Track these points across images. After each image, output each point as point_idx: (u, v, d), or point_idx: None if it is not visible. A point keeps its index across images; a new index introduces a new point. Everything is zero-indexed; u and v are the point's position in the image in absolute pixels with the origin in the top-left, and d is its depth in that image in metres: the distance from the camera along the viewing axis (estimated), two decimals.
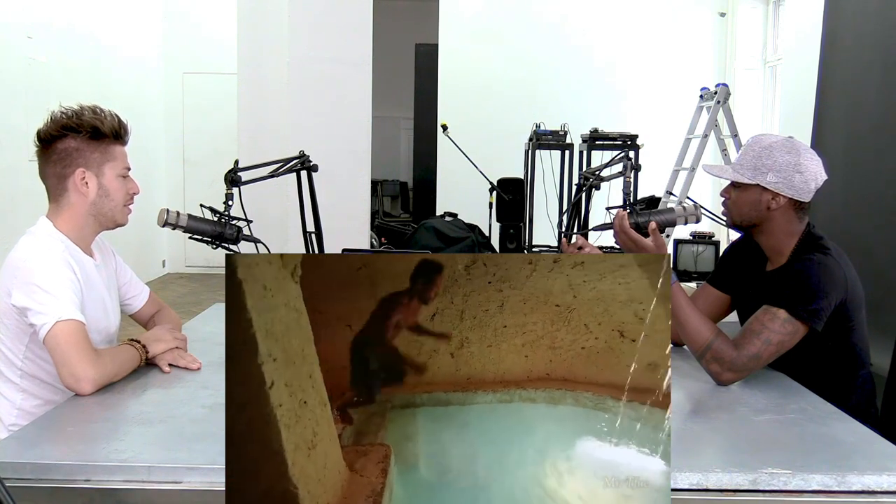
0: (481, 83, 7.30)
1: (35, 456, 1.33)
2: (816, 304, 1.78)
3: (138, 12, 7.52)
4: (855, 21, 3.78)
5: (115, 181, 1.85)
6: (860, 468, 1.33)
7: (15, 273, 1.72)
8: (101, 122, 1.80)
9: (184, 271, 8.25)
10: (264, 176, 2.41)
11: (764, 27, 7.31)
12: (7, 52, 5.28)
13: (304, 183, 2.59)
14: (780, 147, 1.88)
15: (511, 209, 5.81)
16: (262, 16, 4.36)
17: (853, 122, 3.65)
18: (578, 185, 3.16)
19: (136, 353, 1.80)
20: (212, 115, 7.82)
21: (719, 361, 1.77)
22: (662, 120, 6.95)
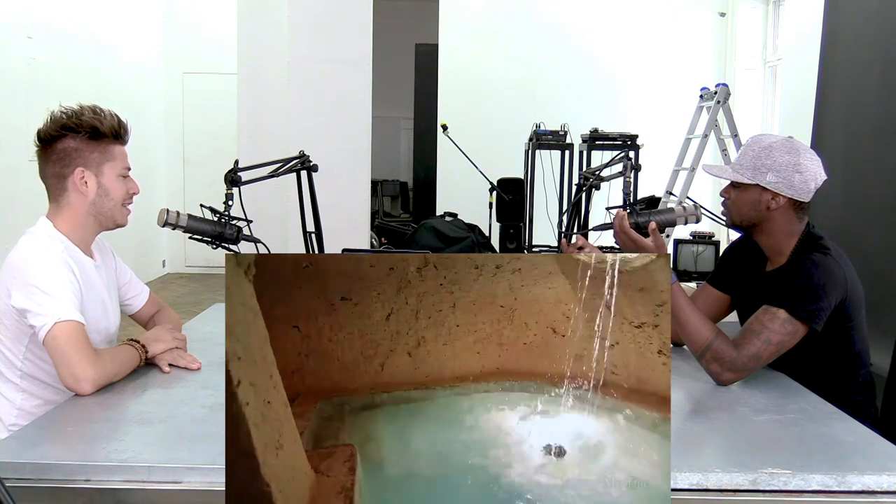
0: (481, 83, 7.29)
1: (35, 456, 1.33)
2: (816, 304, 1.78)
3: (138, 12, 7.51)
4: (855, 21, 3.77)
5: (115, 181, 1.85)
6: (860, 468, 1.33)
7: (14, 274, 1.72)
8: (100, 122, 1.80)
9: (184, 271, 8.25)
10: (264, 176, 2.41)
11: (764, 27, 7.31)
12: (7, 52, 5.28)
13: (304, 183, 2.59)
14: (780, 147, 1.88)
15: (511, 209, 5.81)
16: (262, 16, 4.36)
17: (853, 122, 3.65)
18: (578, 185, 3.16)
19: (136, 352, 1.80)
20: (212, 115, 7.82)
21: (719, 361, 1.77)
22: (662, 120, 6.95)
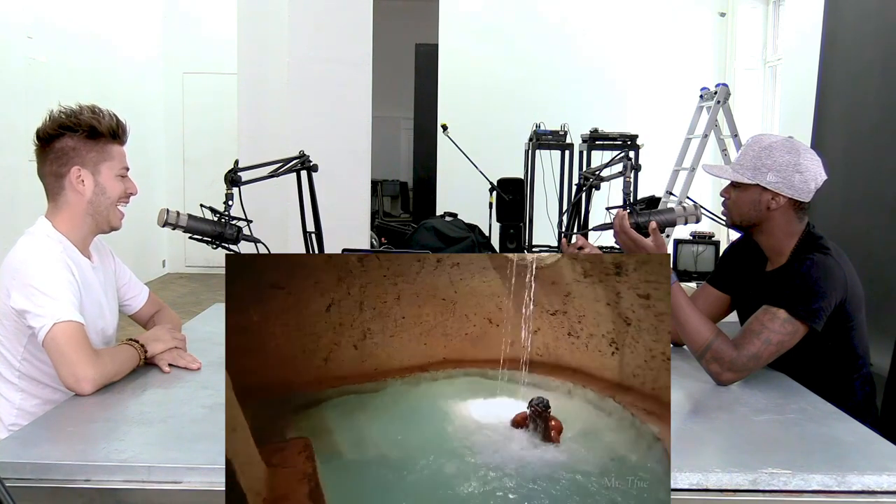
0: (481, 83, 7.29)
1: (35, 456, 1.33)
2: (816, 303, 1.78)
3: (138, 12, 7.52)
4: (855, 21, 3.78)
5: (112, 180, 1.85)
6: (860, 468, 1.33)
7: (13, 275, 1.72)
8: (98, 122, 1.80)
9: (184, 271, 8.25)
10: (264, 176, 2.41)
11: (764, 27, 7.31)
12: (7, 52, 5.28)
13: (304, 183, 2.59)
14: (780, 147, 1.88)
15: (511, 209, 5.81)
16: (262, 16, 4.37)
17: (853, 122, 3.65)
18: (578, 185, 3.16)
19: (135, 352, 1.80)
20: (212, 115, 7.82)
21: (719, 361, 1.77)
22: (662, 120, 6.95)
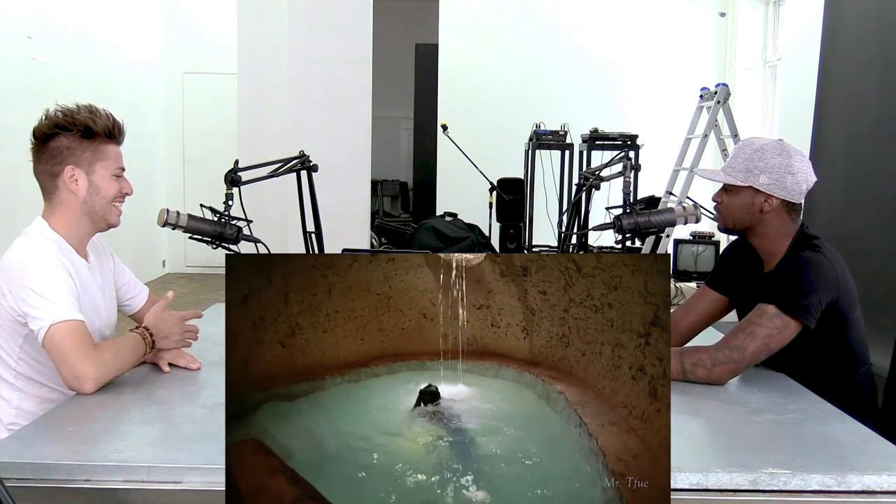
0: (481, 83, 7.30)
1: (35, 456, 1.33)
2: (806, 299, 1.78)
3: (138, 12, 7.51)
4: (855, 21, 3.78)
5: (107, 180, 1.83)
6: (860, 468, 1.33)
7: (10, 275, 1.72)
8: (93, 121, 1.79)
9: (184, 271, 8.24)
10: (264, 176, 2.41)
11: (764, 27, 7.31)
12: (7, 52, 5.28)
13: (304, 183, 2.59)
14: (772, 149, 1.88)
15: (511, 209, 5.82)
16: (262, 16, 4.37)
17: (853, 122, 3.65)
18: (578, 185, 3.16)
19: (143, 342, 1.78)
20: (212, 115, 7.82)
21: (699, 365, 1.78)
22: (662, 120, 6.96)
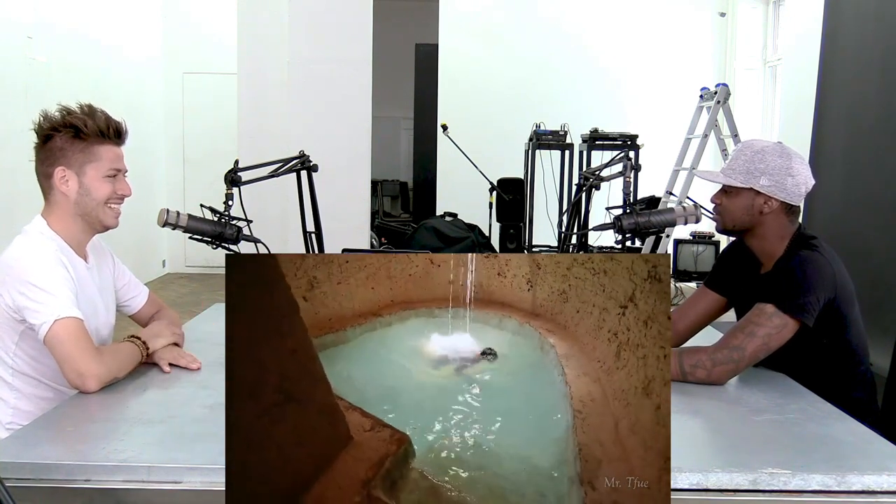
0: (481, 83, 7.29)
1: (35, 456, 1.33)
2: (803, 297, 1.79)
3: (138, 12, 7.51)
4: (855, 21, 3.78)
5: (98, 181, 1.82)
6: (860, 468, 1.33)
7: (9, 272, 1.72)
8: (84, 123, 1.78)
9: (184, 271, 8.24)
10: (264, 176, 2.41)
11: (764, 27, 7.31)
12: (7, 52, 5.27)
13: (304, 183, 2.59)
14: (772, 151, 1.89)
15: (511, 209, 5.82)
16: (262, 16, 4.37)
17: (853, 122, 3.65)
18: (578, 185, 3.16)
19: (137, 349, 1.79)
20: (212, 115, 7.81)
21: (698, 367, 1.78)
22: (662, 120, 6.95)
